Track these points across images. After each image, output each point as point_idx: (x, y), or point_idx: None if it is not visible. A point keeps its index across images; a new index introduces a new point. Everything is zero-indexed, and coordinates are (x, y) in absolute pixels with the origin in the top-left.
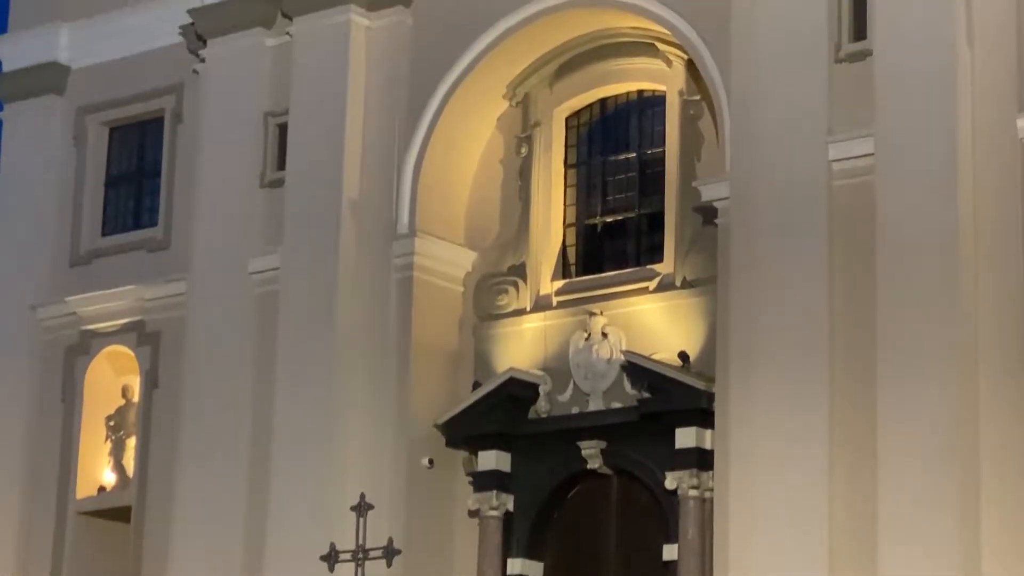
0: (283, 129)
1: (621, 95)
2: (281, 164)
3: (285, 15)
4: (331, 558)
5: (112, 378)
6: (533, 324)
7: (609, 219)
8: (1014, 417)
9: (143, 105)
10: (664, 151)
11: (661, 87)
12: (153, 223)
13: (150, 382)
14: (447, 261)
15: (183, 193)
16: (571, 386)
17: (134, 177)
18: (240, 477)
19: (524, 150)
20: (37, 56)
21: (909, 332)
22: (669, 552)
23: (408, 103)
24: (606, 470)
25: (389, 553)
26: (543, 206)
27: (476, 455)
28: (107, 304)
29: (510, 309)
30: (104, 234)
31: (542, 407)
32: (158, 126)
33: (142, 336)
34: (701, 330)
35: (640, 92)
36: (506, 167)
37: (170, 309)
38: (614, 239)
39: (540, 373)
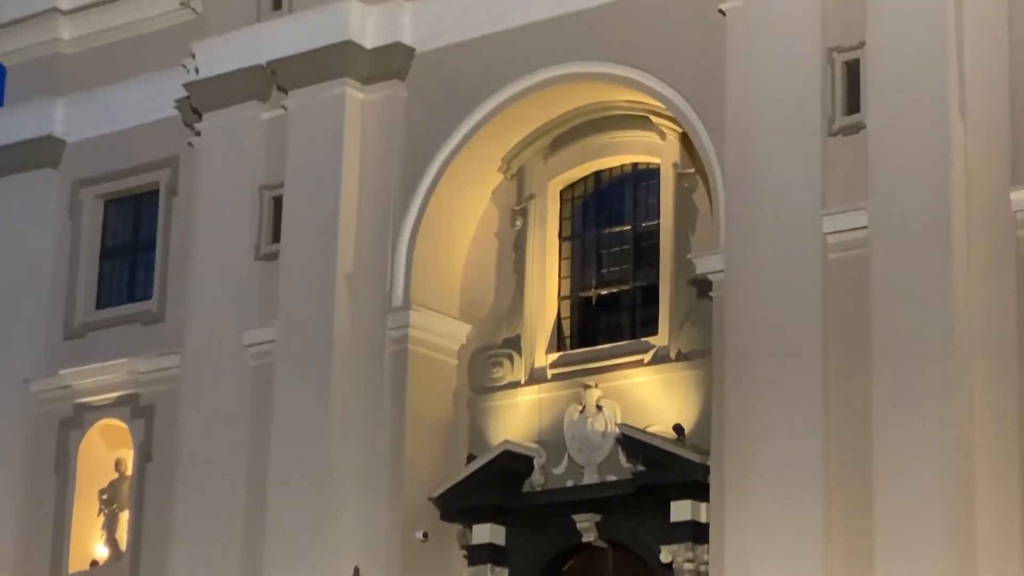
0: (278, 202)
1: (616, 168)
2: (276, 237)
3: (280, 88)
4: None
5: (105, 451)
6: (528, 397)
7: (604, 292)
8: (1008, 500)
9: (138, 178)
10: (659, 224)
11: (656, 160)
12: (148, 296)
13: (143, 455)
14: (442, 334)
15: (178, 266)
16: (566, 459)
17: (129, 250)
18: (234, 551)
19: (519, 223)
20: (32, 130)
21: (905, 406)
22: None
23: (403, 176)
24: (601, 543)
25: None
26: (538, 278)
27: (471, 528)
28: (101, 377)
29: (505, 382)
30: (98, 307)
31: (537, 480)
32: (153, 199)
33: (136, 409)
34: (696, 403)
35: (635, 165)
36: (501, 239)
37: (164, 382)
38: (609, 312)
39: (535, 446)
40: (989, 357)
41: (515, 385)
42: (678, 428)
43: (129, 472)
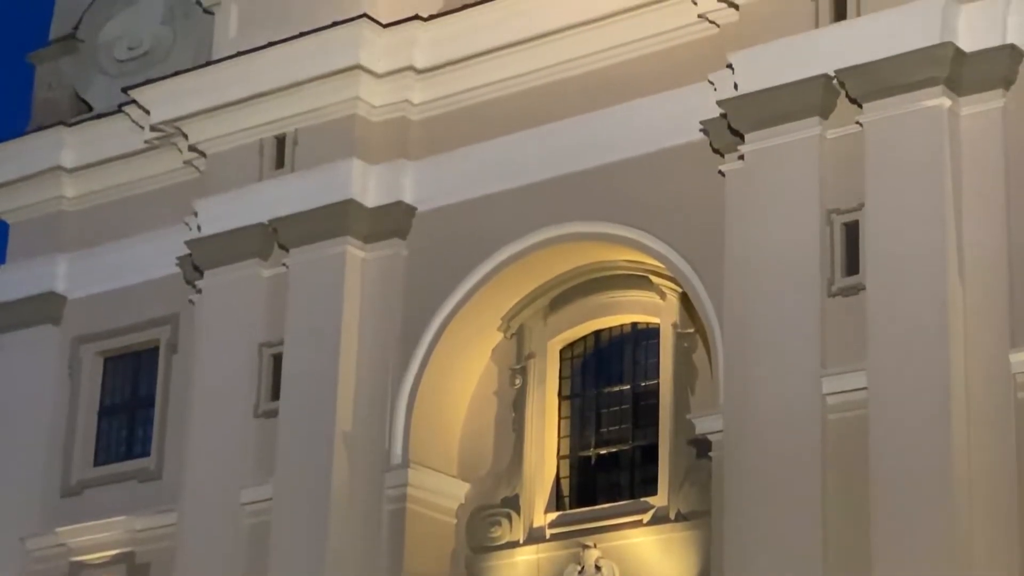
0: (277, 360)
1: (615, 327)
2: (275, 394)
3: (282, 246)
4: None
5: None
6: (526, 556)
7: (603, 451)
8: None
9: (138, 335)
10: (658, 383)
11: (655, 320)
12: (145, 453)
13: None
14: (440, 492)
15: (176, 423)
16: None
17: (127, 407)
18: None
19: (518, 382)
20: (34, 287)
21: (905, 569)
22: None
23: (402, 334)
24: None
25: None
26: (537, 437)
27: None
28: (97, 535)
29: (503, 541)
30: (96, 464)
31: None
32: (153, 356)
33: (132, 568)
34: (695, 564)
35: (634, 324)
36: (500, 398)
37: (160, 540)
38: (608, 471)
39: None
40: (989, 519)
41: (514, 545)
42: None
43: None
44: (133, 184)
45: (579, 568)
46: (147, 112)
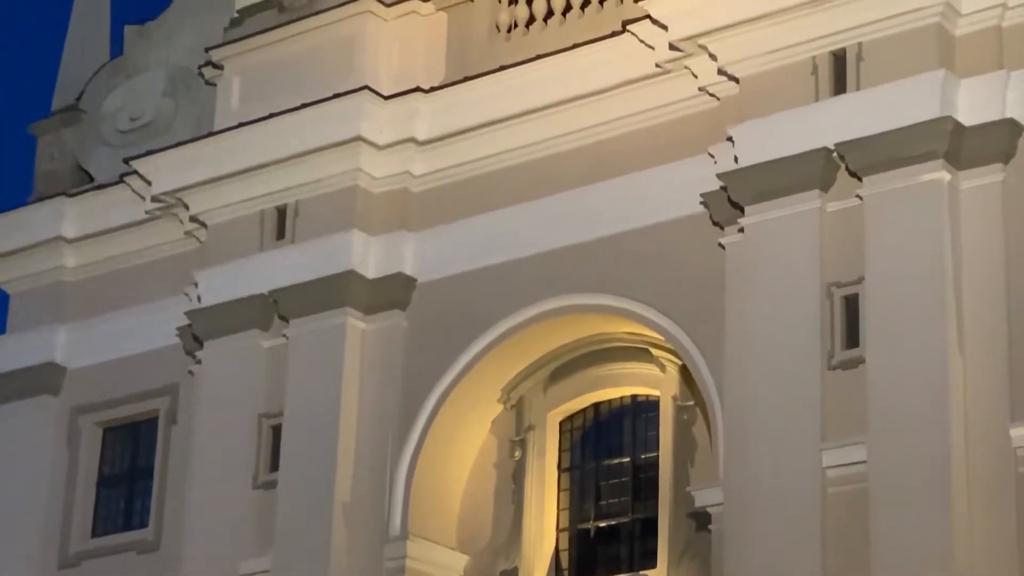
0: (277, 430)
1: (615, 399)
2: (274, 465)
3: (282, 317)
4: None
5: None
6: None
7: (602, 524)
8: None
9: (138, 406)
10: (658, 456)
11: (655, 392)
12: (144, 524)
13: None
14: (439, 565)
15: (175, 494)
16: None
17: (126, 477)
18: None
19: (517, 454)
20: (34, 357)
21: None
22: None
23: (402, 405)
24: None
25: None
26: (536, 510)
27: None
28: None
29: None
30: (94, 535)
31: None
32: (152, 426)
33: None
34: None
35: (634, 397)
36: (499, 470)
37: None
38: (607, 544)
39: None
40: None
41: None
42: None
43: None
44: (134, 254)
45: None
46: (148, 183)
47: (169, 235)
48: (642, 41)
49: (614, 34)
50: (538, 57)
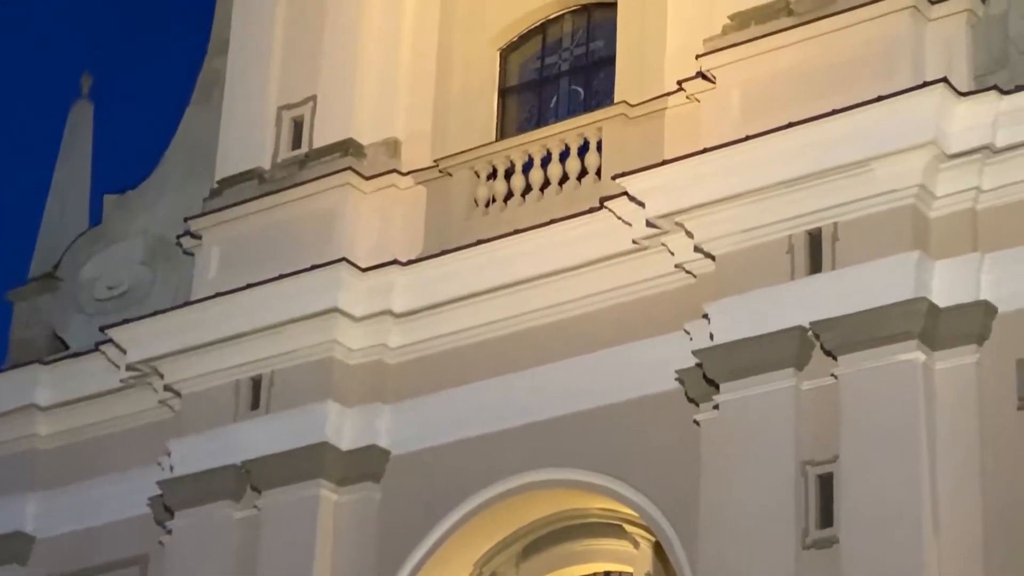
0: None
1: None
2: None
3: (254, 488)
4: None
5: None
6: None
7: None
8: None
9: None
10: None
11: (628, 568)
12: None
13: None
14: None
15: None
16: None
17: None
18: None
19: None
20: (2, 526)
21: None
22: None
23: None
24: None
25: None
26: None
27: None
28: None
29: None
30: None
31: None
32: None
33: None
34: None
35: (607, 573)
36: None
37: None
38: None
39: None
40: None
41: None
42: None
43: None
44: (107, 423)
45: None
46: (124, 351)
47: (143, 404)
48: (619, 218)
49: (592, 210)
50: (515, 232)
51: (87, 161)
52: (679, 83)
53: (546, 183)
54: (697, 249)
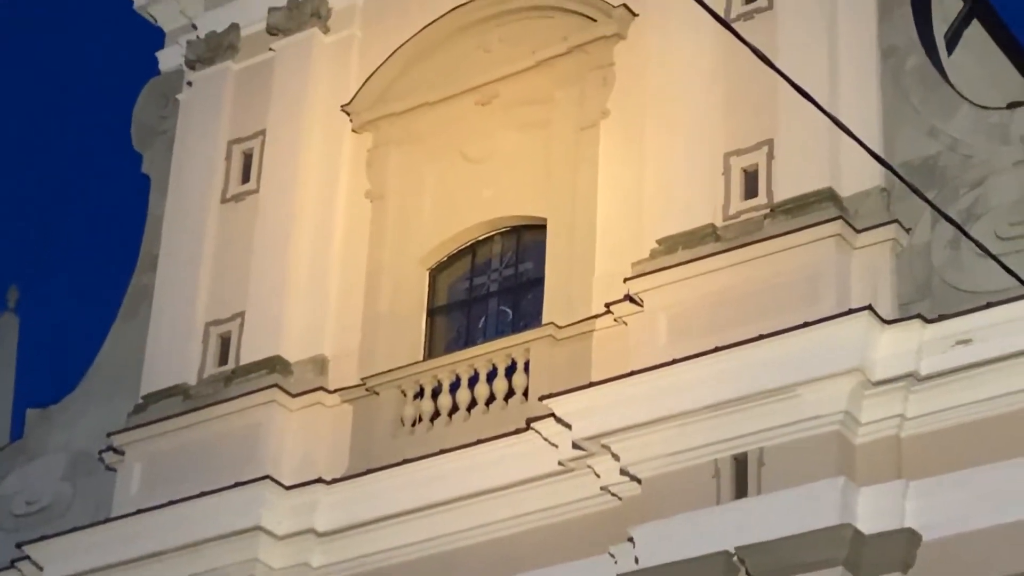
0: None
1: None
2: None
3: None
4: None
5: None
6: None
7: None
8: None
9: None
10: None
11: None
12: None
13: None
14: None
15: None
16: None
17: None
18: None
19: None
20: None
21: None
22: None
23: None
24: None
25: None
26: None
27: None
28: None
29: None
30: None
31: None
32: None
33: None
34: None
35: None
36: None
37: None
38: None
39: None
40: None
41: None
42: None
43: None
44: None
45: None
46: (40, 568)
47: None
48: (546, 439)
49: (518, 431)
50: (441, 452)
51: (11, 374)
52: (607, 306)
53: (473, 403)
54: (623, 472)
